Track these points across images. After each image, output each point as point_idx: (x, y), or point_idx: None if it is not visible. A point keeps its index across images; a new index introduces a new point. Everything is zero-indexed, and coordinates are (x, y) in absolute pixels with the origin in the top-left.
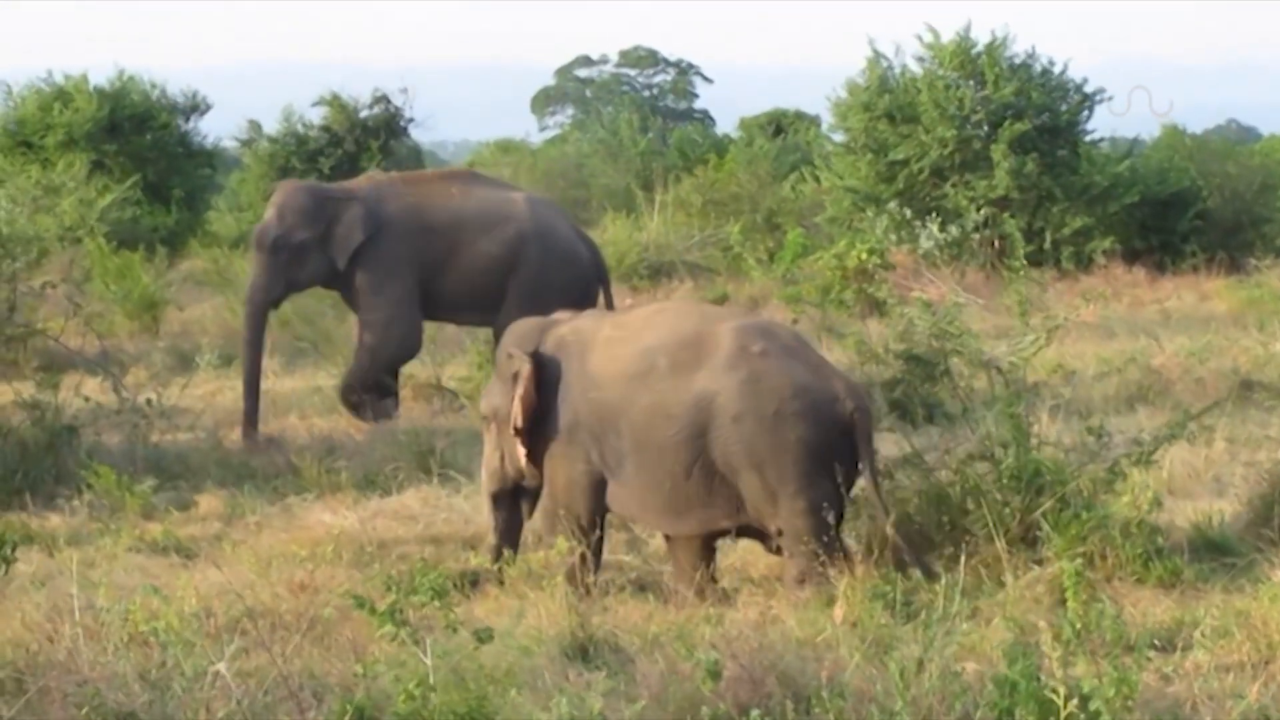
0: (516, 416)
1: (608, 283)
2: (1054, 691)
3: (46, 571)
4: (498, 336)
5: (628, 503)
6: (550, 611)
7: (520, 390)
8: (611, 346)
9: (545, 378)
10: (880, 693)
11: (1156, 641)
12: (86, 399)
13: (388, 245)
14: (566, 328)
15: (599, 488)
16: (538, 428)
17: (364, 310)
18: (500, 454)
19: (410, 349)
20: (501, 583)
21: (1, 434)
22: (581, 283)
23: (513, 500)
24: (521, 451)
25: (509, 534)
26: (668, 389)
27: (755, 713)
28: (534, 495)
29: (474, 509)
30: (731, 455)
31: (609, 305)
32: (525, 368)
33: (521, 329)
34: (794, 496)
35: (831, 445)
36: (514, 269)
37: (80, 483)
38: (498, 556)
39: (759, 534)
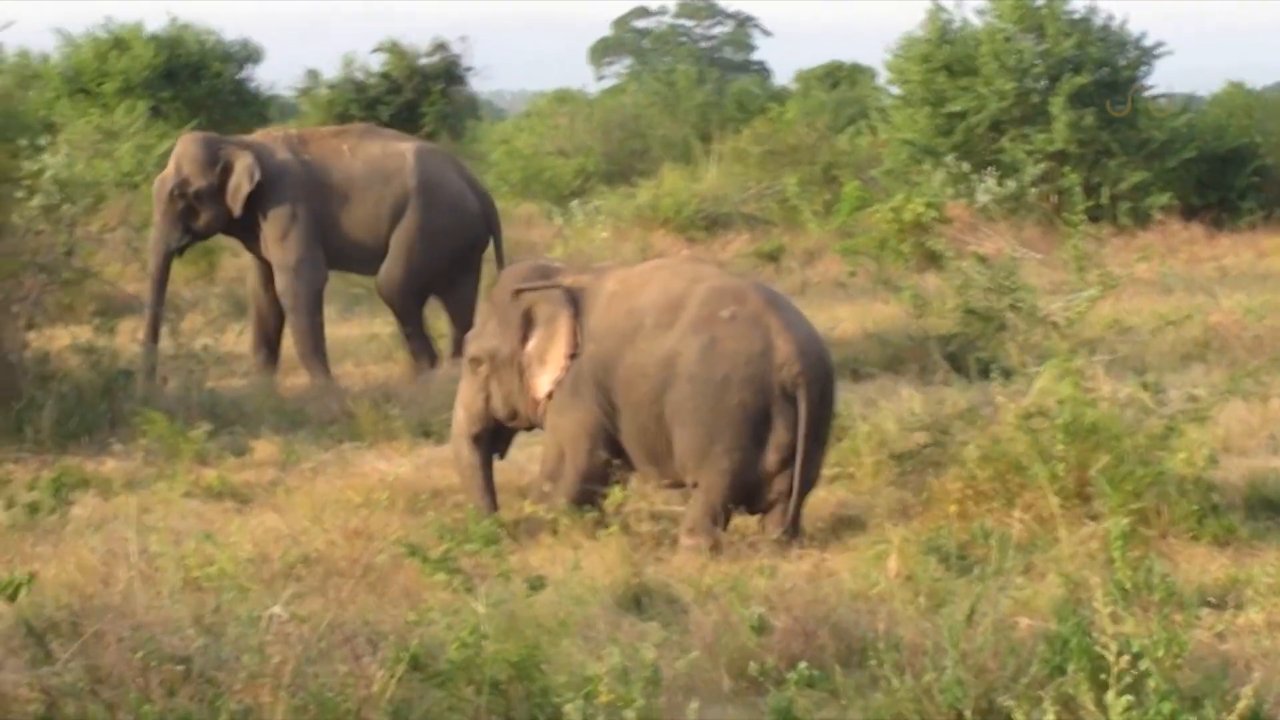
0: (565, 349)
1: (499, 234)
2: (1104, 648)
3: (102, 516)
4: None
5: (626, 452)
6: (605, 561)
7: (567, 312)
8: (612, 302)
9: (576, 307)
10: (933, 647)
11: (1210, 599)
12: (143, 344)
13: (281, 193)
14: (570, 280)
15: (604, 433)
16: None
17: (274, 257)
18: (485, 395)
19: (318, 285)
20: (555, 532)
21: (58, 378)
22: (469, 232)
23: (489, 444)
24: (547, 384)
25: (489, 480)
26: (647, 349)
27: (802, 665)
28: (509, 438)
29: (528, 459)
30: (678, 410)
31: (498, 257)
32: (558, 296)
33: (523, 272)
34: (721, 455)
35: (772, 413)
36: (399, 220)
37: (136, 428)
38: (492, 509)
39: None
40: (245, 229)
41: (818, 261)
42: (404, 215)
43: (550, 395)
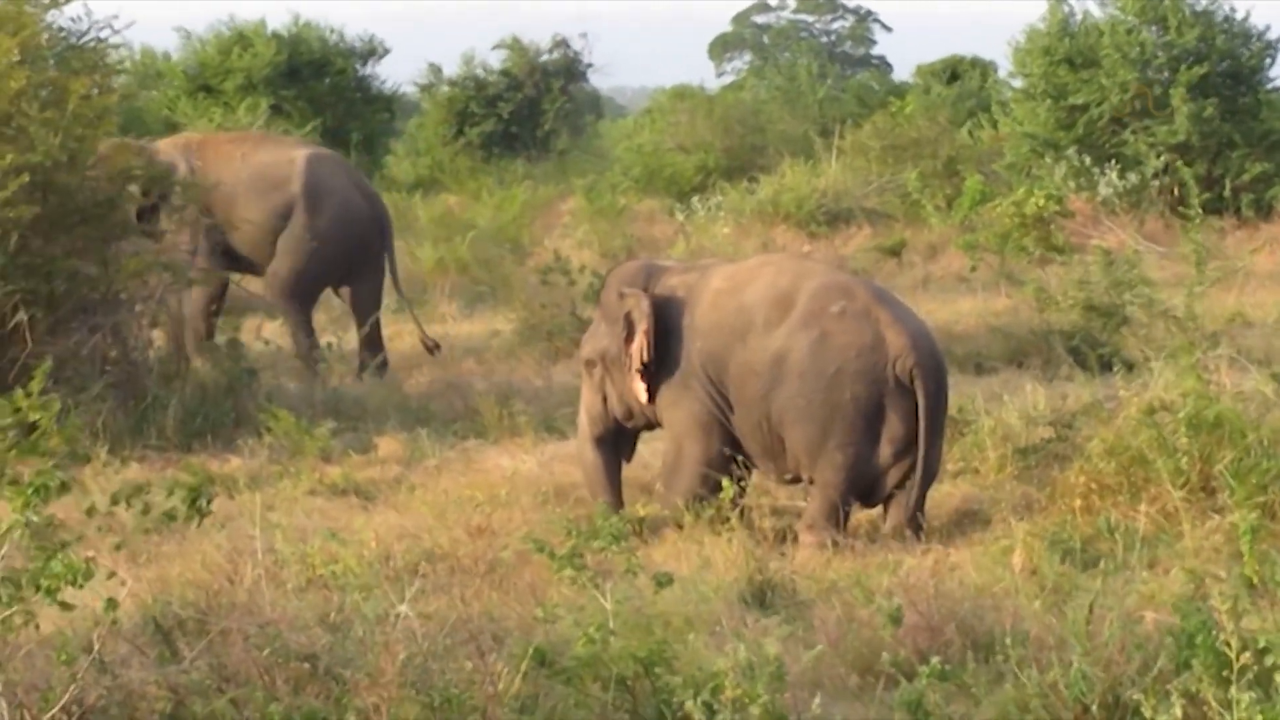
0: (640, 353)
1: (390, 242)
2: (1226, 644)
3: (227, 514)
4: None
5: (741, 446)
6: (728, 557)
7: (643, 327)
8: (719, 299)
9: (661, 322)
10: (1059, 641)
11: None
12: (266, 342)
13: (177, 202)
14: (677, 279)
15: (719, 428)
16: (655, 371)
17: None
18: (603, 396)
19: (207, 294)
20: (680, 528)
21: (182, 377)
22: (356, 236)
23: (613, 444)
24: (642, 390)
25: (614, 480)
26: (758, 346)
27: (935, 659)
28: (633, 438)
29: (652, 454)
30: (789, 407)
31: (391, 266)
32: (644, 304)
33: (629, 272)
34: (835, 450)
35: (885, 406)
36: (284, 226)
37: (260, 426)
38: (617, 508)
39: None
40: (155, 236)
41: (940, 256)
42: (290, 218)
43: (653, 397)
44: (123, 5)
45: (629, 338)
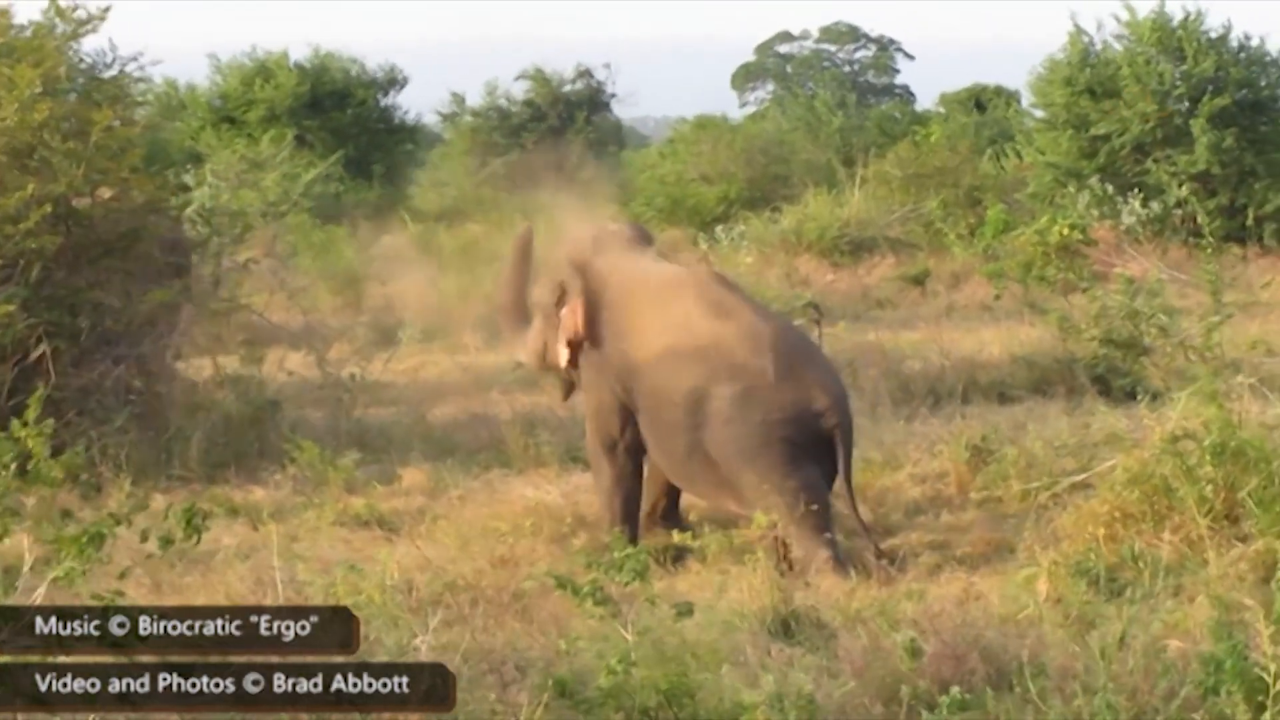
0: (572, 329)
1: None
2: (1263, 669)
3: (250, 545)
4: None
5: (650, 449)
6: (752, 586)
7: (574, 306)
8: (643, 308)
9: (593, 299)
10: (1083, 670)
11: None
12: (290, 373)
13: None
14: (615, 259)
15: (623, 413)
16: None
17: None
18: (544, 341)
19: None
20: (704, 558)
21: (206, 408)
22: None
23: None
24: (564, 355)
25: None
26: (672, 374)
27: (955, 689)
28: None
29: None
30: (726, 455)
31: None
32: (578, 285)
33: (579, 240)
34: (784, 479)
35: (813, 447)
36: None
37: (284, 457)
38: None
39: None
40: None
41: (963, 285)
42: None
43: (573, 364)
44: (144, 36)
45: (559, 303)
